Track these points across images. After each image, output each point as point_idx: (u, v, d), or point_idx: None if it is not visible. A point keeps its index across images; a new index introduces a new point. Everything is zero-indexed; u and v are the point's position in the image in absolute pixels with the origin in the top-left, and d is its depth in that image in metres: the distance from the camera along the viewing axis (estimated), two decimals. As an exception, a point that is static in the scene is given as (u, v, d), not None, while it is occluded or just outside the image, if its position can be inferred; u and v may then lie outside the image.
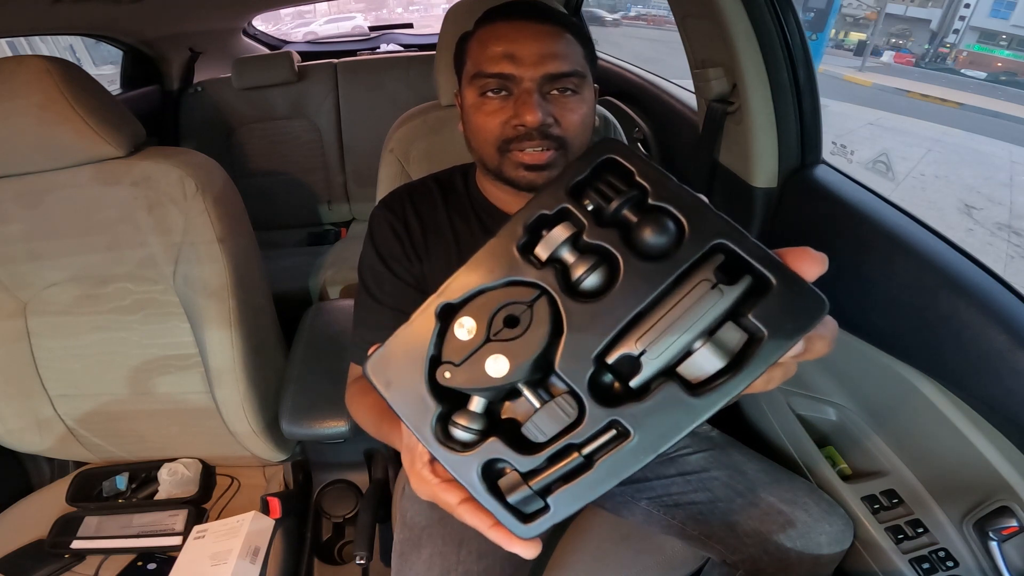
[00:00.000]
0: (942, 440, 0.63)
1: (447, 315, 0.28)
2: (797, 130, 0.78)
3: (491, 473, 0.27)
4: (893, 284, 0.65)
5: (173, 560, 0.76)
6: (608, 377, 0.26)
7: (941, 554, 0.64)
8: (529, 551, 0.28)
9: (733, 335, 0.24)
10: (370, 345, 0.51)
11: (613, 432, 0.25)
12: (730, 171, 0.85)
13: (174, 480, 0.90)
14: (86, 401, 0.88)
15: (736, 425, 0.89)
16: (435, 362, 0.27)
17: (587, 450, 0.25)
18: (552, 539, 0.74)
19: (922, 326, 0.62)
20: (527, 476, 0.26)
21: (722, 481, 0.71)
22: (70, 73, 0.69)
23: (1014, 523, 0.57)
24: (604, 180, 0.27)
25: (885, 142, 6.77)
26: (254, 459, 0.94)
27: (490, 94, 0.59)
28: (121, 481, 0.91)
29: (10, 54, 0.89)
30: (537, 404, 0.26)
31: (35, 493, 0.94)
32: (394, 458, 0.95)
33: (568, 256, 0.26)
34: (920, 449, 0.68)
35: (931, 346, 0.62)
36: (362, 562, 0.79)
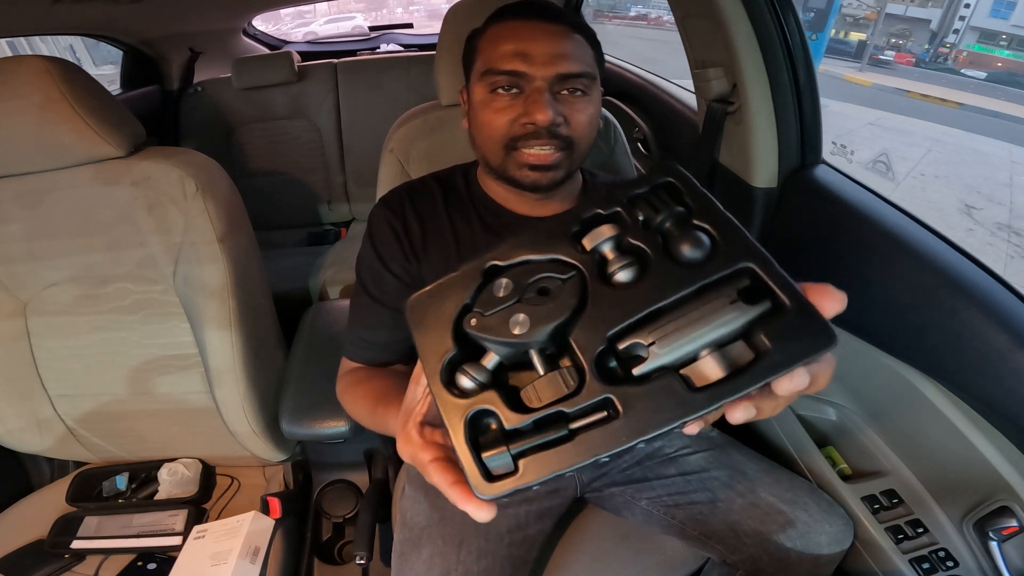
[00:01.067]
0: (942, 440, 0.63)
1: (491, 275, 0.30)
2: (797, 130, 0.78)
3: (477, 427, 0.28)
4: (893, 284, 0.65)
5: (173, 560, 0.76)
6: (614, 363, 0.27)
7: (941, 554, 0.64)
8: (482, 514, 0.28)
9: (741, 351, 0.25)
10: (365, 342, 0.54)
11: (604, 413, 0.26)
12: (730, 171, 0.85)
13: (174, 480, 0.90)
14: (86, 401, 0.88)
15: (736, 425, 0.89)
16: (466, 311, 0.30)
17: (574, 425, 0.26)
18: (552, 539, 0.74)
19: (922, 326, 0.62)
20: (509, 437, 0.27)
21: (722, 481, 0.71)
22: (70, 73, 0.69)
23: (1014, 523, 0.57)
24: (657, 196, 0.29)
25: (885, 142, 6.77)
26: (254, 459, 0.94)
27: (500, 91, 0.59)
28: (121, 481, 0.91)
29: (10, 54, 0.89)
30: (542, 372, 0.28)
31: (35, 493, 0.94)
32: (394, 458, 0.95)
33: (608, 251, 0.29)
34: (920, 449, 0.68)
35: (931, 346, 0.62)
36: (362, 562, 0.79)
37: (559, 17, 0.60)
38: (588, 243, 0.29)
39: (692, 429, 0.27)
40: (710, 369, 0.25)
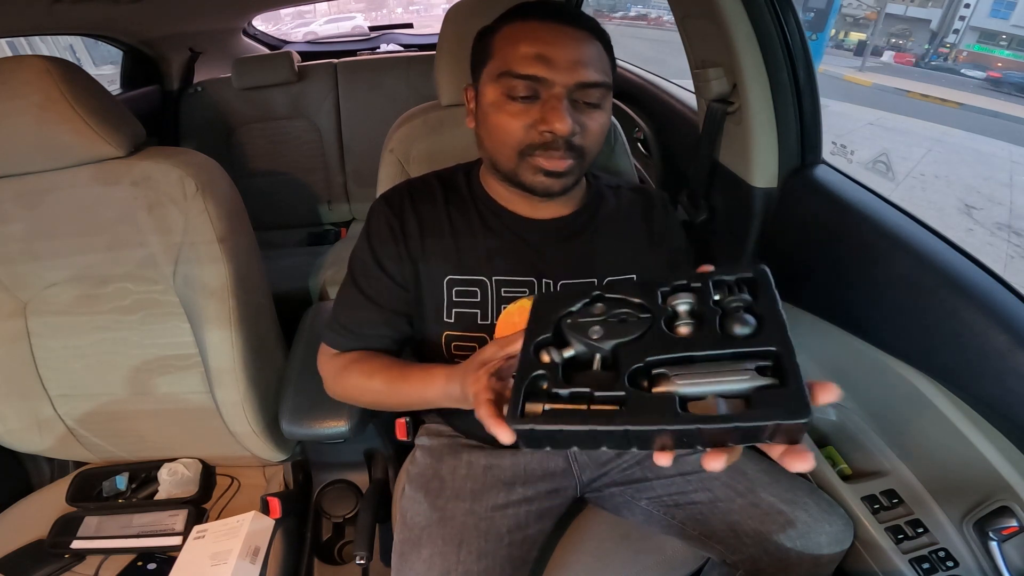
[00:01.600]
0: (942, 440, 0.63)
1: (595, 299, 0.41)
2: (797, 130, 0.78)
3: (534, 385, 0.37)
4: (893, 284, 0.65)
5: (173, 560, 0.76)
6: (644, 380, 0.35)
7: (941, 554, 0.64)
8: (505, 436, 0.37)
9: (736, 402, 0.31)
10: (348, 331, 0.65)
11: (616, 405, 0.33)
12: (730, 171, 0.85)
13: (174, 480, 0.90)
14: (86, 401, 0.88)
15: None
16: (568, 316, 0.41)
17: (593, 406, 0.34)
18: (552, 539, 0.74)
19: (922, 326, 0.62)
20: (550, 397, 0.35)
21: (722, 481, 0.70)
22: (70, 73, 0.69)
23: (1014, 523, 0.57)
24: (737, 284, 0.38)
25: (885, 142, 6.78)
26: (254, 459, 0.94)
27: (516, 95, 0.57)
28: (121, 481, 0.91)
29: (10, 54, 0.89)
30: (597, 367, 0.37)
31: (35, 493, 0.94)
32: (394, 458, 0.95)
33: (681, 310, 0.38)
34: (920, 449, 0.68)
35: (931, 346, 0.62)
36: (362, 562, 0.79)
37: (581, 21, 0.58)
38: (670, 301, 0.38)
39: (663, 460, 0.32)
40: (707, 406, 0.31)
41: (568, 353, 0.38)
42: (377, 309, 0.67)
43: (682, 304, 0.37)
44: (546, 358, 0.38)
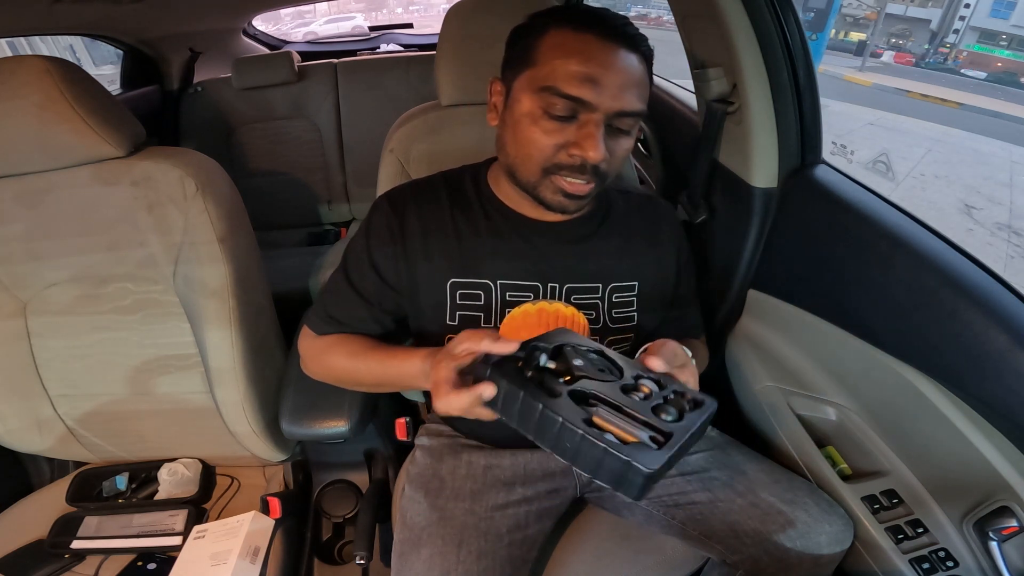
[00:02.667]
0: (942, 440, 0.63)
1: (598, 352, 0.51)
2: (797, 130, 0.78)
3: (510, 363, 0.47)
4: (893, 284, 0.65)
5: (173, 560, 0.76)
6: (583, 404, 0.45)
7: (941, 554, 0.64)
8: (488, 390, 0.45)
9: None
10: (333, 321, 0.69)
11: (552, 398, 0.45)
12: (730, 171, 0.85)
13: (174, 480, 0.90)
14: (86, 401, 0.88)
15: (736, 425, 0.88)
16: (573, 346, 0.50)
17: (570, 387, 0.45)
18: (552, 539, 0.74)
19: (922, 326, 0.62)
20: (517, 372, 0.46)
21: (722, 481, 0.70)
22: (70, 73, 0.69)
23: (1014, 523, 0.57)
24: (693, 399, 0.48)
25: (885, 142, 6.78)
26: (254, 459, 0.94)
27: (555, 112, 0.54)
28: (121, 481, 0.91)
29: (10, 54, 0.89)
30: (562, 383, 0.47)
31: (35, 493, 0.94)
32: (394, 458, 0.95)
33: (640, 383, 0.48)
34: (920, 449, 0.68)
35: (931, 346, 0.62)
36: (362, 562, 0.79)
37: (636, 43, 0.55)
38: (638, 378, 0.49)
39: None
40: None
41: (550, 364, 0.48)
42: (365, 305, 0.68)
43: (644, 382, 0.48)
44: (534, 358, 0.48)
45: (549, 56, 0.54)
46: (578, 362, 0.47)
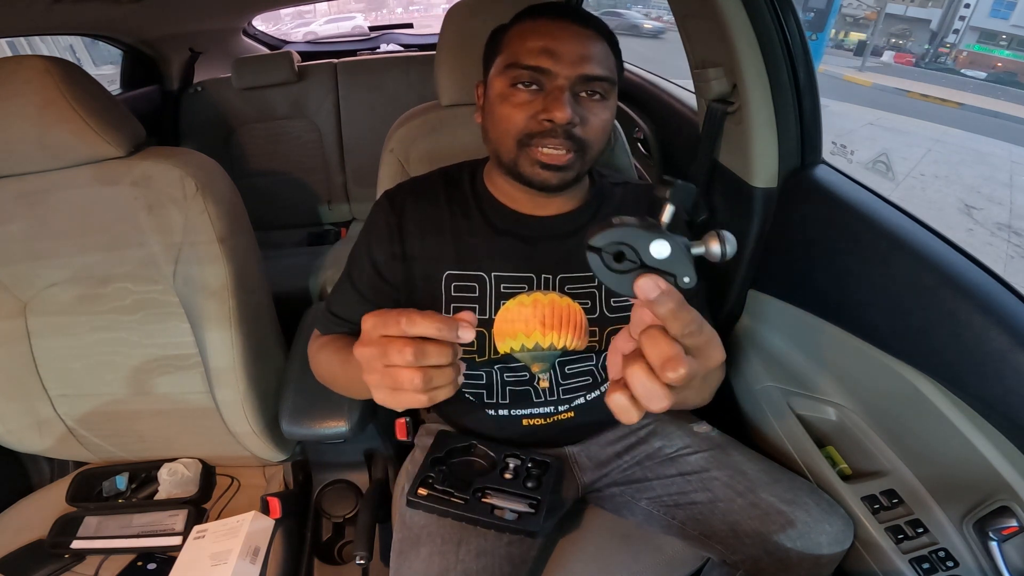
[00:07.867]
0: (942, 440, 0.63)
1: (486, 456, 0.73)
2: (797, 130, 0.78)
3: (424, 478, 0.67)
4: (893, 284, 0.65)
5: (173, 560, 0.76)
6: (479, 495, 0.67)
7: (941, 554, 0.64)
8: (469, 316, 0.38)
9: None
10: (340, 321, 0.70)
11: (461, 501, 0.67)
12: (730, 171, 0.85)
13: (174, 480, 0.90)
14: (86, 401, 0.88)
15: (736, 425, 0.88)
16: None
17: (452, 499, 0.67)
18: (552, 539, 0.74)
19: (922, 326, 0.62)
20: (430, 485, 0.68)
21: (722, 481, 0.70)
22: (70, 73, 0.69)
23: (1014, 523, 0.57)
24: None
25: (885, 142, 6.78)
26: (254, 459, 0.94)
27: (521, 86, 0.59)
28: (121, 481, 0.91)
29: (10, 54, 0.88)
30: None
31: (35, 493, 0.94)
32: (394, 458, 0.95)
33: (510, 465, 0.72)
34: (920, 449, 0.68)
35: (931, 346, 0.61)
36: (362, 562, 0.79)
37: (589, 21, 0.61)
38: (508, 462, 0.72)
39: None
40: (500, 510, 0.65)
41: (443, 473, 0.69)
42: (363, 303, 0.69)
43: (511, 462, 0.69)
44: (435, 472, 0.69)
45: (511, 42, 0.61)
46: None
